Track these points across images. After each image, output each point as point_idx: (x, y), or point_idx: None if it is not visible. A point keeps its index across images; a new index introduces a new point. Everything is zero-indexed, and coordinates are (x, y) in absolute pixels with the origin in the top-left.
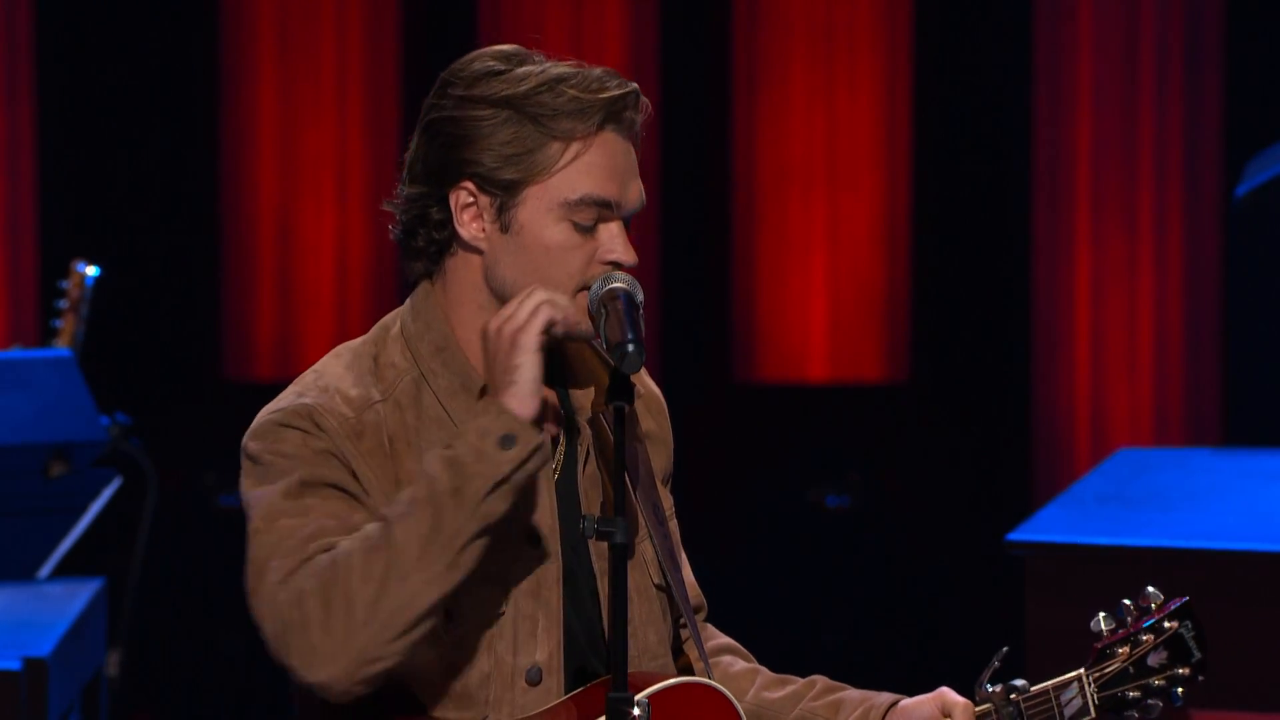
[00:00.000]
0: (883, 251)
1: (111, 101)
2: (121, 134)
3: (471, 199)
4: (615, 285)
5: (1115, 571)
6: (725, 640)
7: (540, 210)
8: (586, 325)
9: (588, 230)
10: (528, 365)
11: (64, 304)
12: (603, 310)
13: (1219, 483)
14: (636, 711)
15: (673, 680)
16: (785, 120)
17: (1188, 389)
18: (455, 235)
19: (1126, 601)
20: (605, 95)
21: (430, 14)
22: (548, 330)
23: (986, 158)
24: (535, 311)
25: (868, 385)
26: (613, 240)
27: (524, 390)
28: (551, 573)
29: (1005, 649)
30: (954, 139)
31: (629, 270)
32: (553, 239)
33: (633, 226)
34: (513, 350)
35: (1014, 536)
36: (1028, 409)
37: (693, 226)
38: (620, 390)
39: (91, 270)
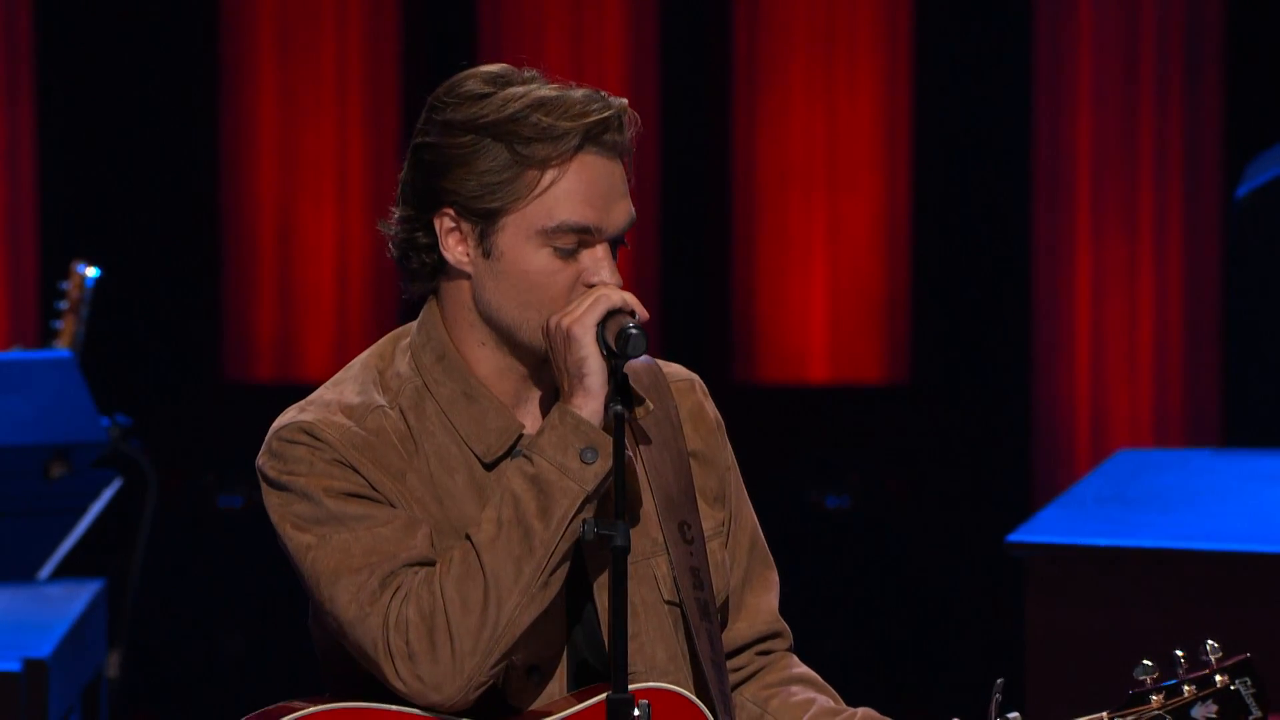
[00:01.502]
0: (883, 252)
1: (112, 102)
2: (122, 135)
3: (454, 225)
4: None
5: (1115, 573)
6: (800, 671)
7: (520, 238)
8: (644, 311)
9: (570, 254)
10: (592, 358)
11: (64, 305)
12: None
13: (1219, 484)
14: (637, 713)
15: (643, 685)
16: (785, 121)
17: (1187, 390)
18: (443, 258)
19: (1179, 652)
20: (584, 121)
21: (430, 14)
22: (607, 319)
23: (987, 158)
24: (593, 304)
25: (868, 386)
26: (597, 264)
27: (593, 386)
28: None
29: (1001, 680)
30: (954, 140)
31: (618, 287)
32: (534, 265)
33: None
34: (570, 345)
35: (1014, 538)
36: (1028, 410)
37: (693, 227)
38: (620, 395)
39: (92, 271)
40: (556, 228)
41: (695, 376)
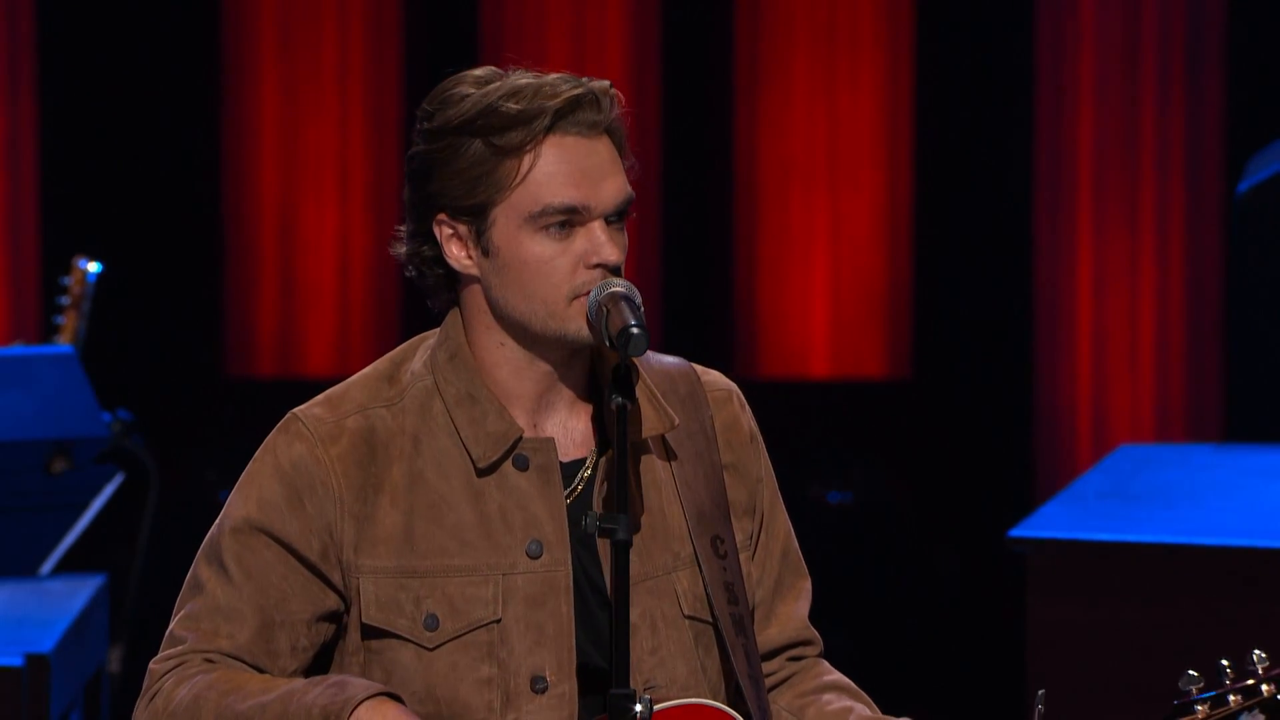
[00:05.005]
0: (884, 248)
1: (113, 99)
2: (123, 132)
3: (451, 229)
4: (614, 290)
5: (1116, 568)
6: (834, 678)
7: (510, 228)
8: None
9: (565, 237)
10: None
11: (66, 300)
12: (604, 311)
13: (1220, 479)
14: (638, 708)
15: (680, 701)
16: (787, 117)
17: (1189, 385)
18: (451, 268)
19: (1224, 662)
20: (552, 102)
21: (432, 11)
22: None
23: (988, 154)
24: None
25: (870, 381)
26: (594, 242)
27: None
28: (559, 581)
29: (1043, 692)
30: (956, 135)
31: (619, 262)
32: (530, 254)
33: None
34: None
35: (1015, 533)
36: (1029, 405)
37: (694, 223)
38: (622, 387)
39: (93, 267)
40: (542, 211)
41: (733, 387)
